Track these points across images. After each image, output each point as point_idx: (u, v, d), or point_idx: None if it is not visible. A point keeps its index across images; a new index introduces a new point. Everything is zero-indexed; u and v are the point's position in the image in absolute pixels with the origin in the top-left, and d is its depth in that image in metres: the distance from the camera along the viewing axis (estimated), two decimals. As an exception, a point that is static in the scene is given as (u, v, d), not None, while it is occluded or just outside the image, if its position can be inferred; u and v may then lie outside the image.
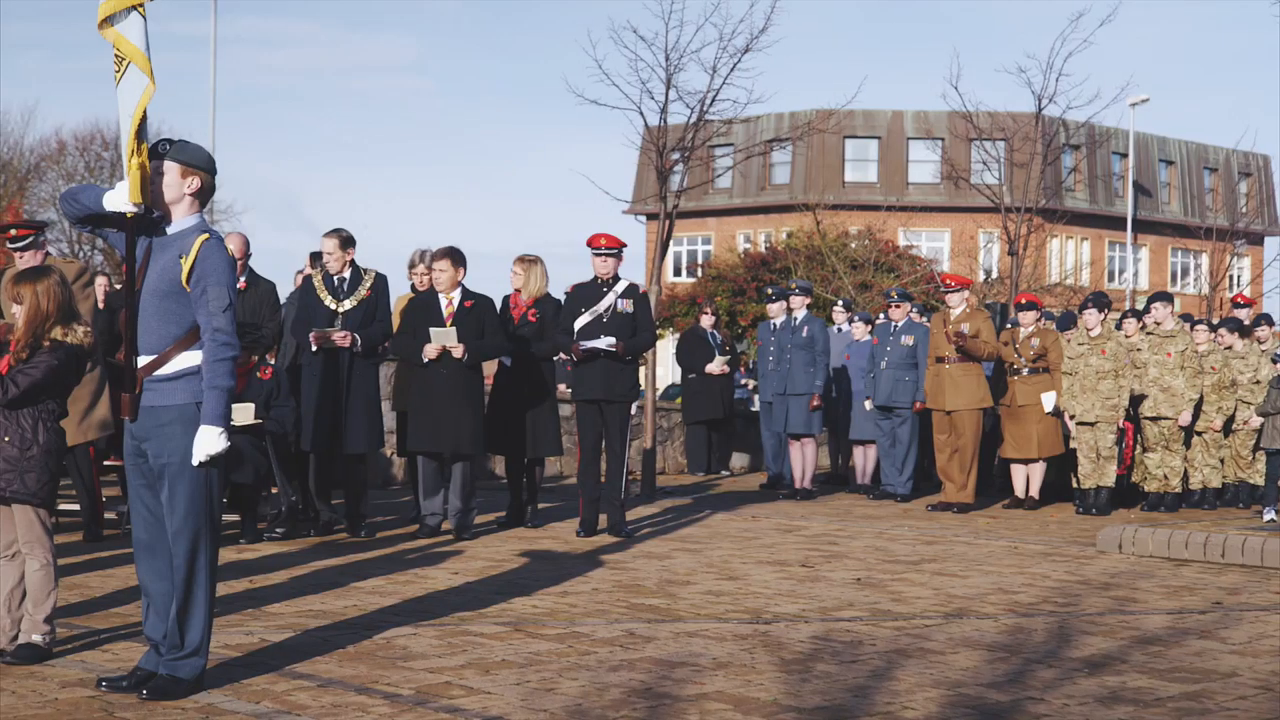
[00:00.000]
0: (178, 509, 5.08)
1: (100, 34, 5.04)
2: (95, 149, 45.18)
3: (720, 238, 46.15)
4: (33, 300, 5.50)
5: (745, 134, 26.63)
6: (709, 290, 29.63)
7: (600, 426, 9.95)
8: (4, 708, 4.82)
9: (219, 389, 5.02)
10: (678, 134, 14.22)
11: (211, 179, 5.19)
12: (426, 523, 9.72)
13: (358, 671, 5.52)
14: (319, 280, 9.57)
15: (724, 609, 7.11)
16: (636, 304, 10.01)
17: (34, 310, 5.49)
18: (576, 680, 5.45)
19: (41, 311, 5.50)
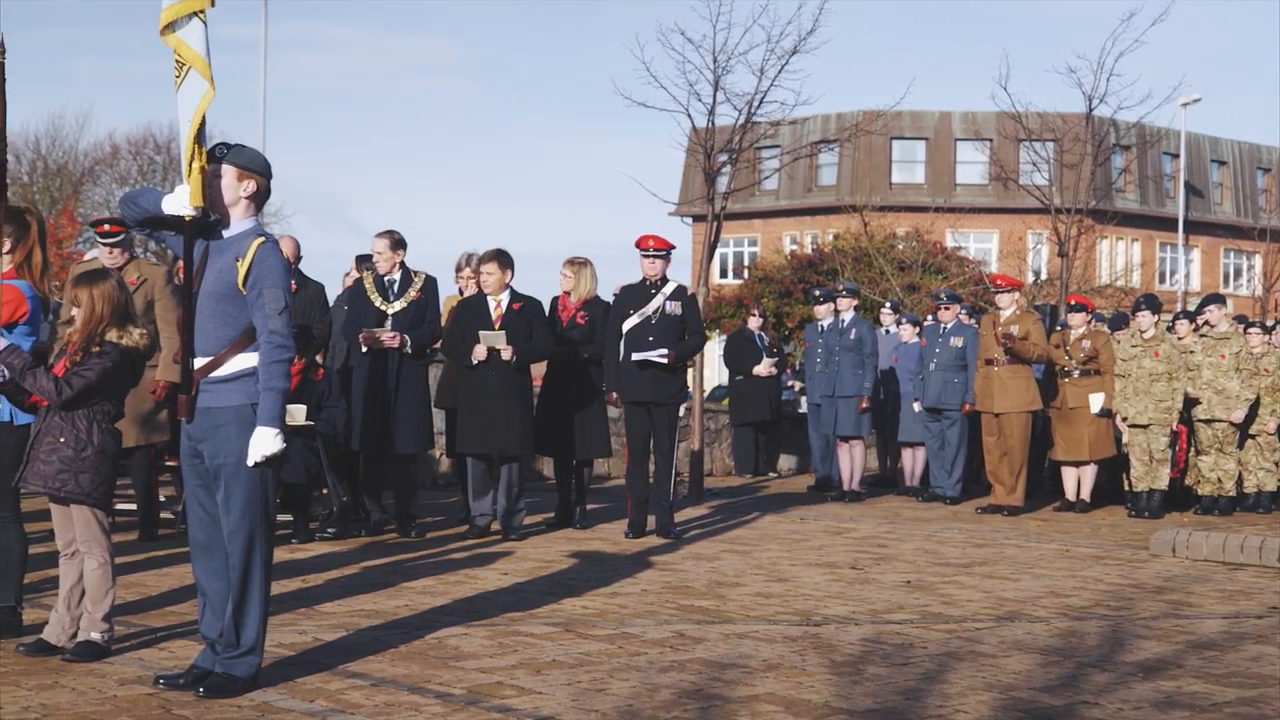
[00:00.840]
0: (233, 509, 5.14)
1: (162, 40, 5.10)
2: (148, 152, 45.69)
3: (767, 239, 46.07)
4: (89, 303, 5.58)
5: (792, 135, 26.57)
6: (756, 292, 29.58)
7: (648, 428, 9.97)
8: (64, 704, 4.89)
9: (274, 390, 5.07)
10: (725, 136, 14.21)
11: (267, 182, 5.25)
12: (475, 523, 9.77)
13: (410, 671, 5.56)
14: (369, 282, 9.64)
15: (773, 610, 7.11)
16: (685, 306, 10.02)
17: (90, 313, 5.57)
18: (627, 681, 5.47)
19: (96, 314, 5.58)
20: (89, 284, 5.62)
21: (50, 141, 45.78)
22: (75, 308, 5.60)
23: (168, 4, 5.06)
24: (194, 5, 5.07)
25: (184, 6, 5.06)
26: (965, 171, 45.24)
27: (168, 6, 5.06)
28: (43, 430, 5.56)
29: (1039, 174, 19.62)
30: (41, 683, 5.17)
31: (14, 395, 5.65)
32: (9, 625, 5.86)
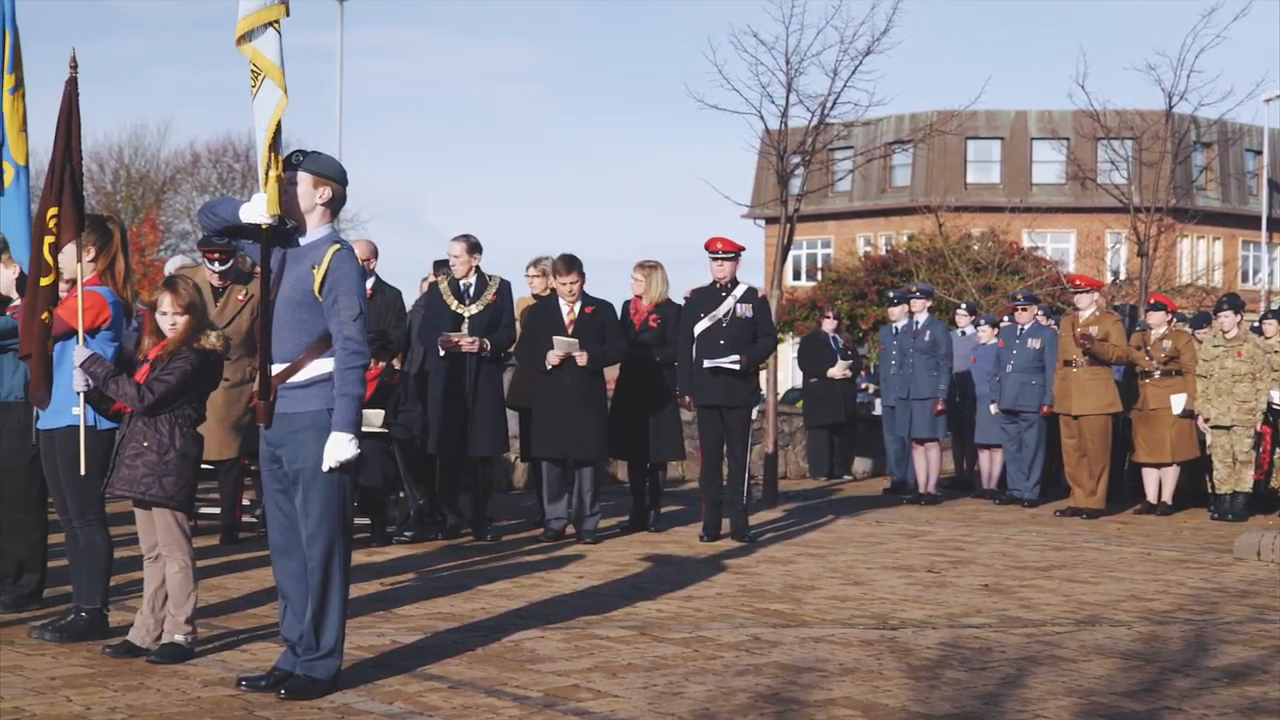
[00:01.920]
0: (312, 513, 5.19)
1: (238, 50, 5.17)
2: (227, 160, 46.36)
3: (840, 241, 45.83)
4: (201, 311, 5.70)
5: (865, 136, 26.42)
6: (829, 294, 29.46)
7: (721, 431, 9.95)
8: (149, 705, 4.97)
9: (349, 396, 5.12)
10: (798, 137, 14.15)
11: (343, 189, 5.30)
12: (551, 527, 9.81)
13: (487, 673, 5.59)
14: (445, 285, 9.71)
15: (849, 614, 7.07)
16: (756, 308, 9.99)
17: (199, 320, 5.69)
18: (703, 684, 5.46)
19: (200, 312, 5.70)
20: (185, 284, 5.74)
21: (133, 150, 46.61)
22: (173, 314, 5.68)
23: (244, 14, 5.13)
24: (269, 15, 5.13)
25: (259, 17, 5.12)
26: (1042, 171, 44.72)
27: (244, 17, 5.13)
28: (127, 436, 5.66)
29: (1117, 173, 19.35)
30: (127, 684, 5.26)
31: (98, 403, 5.75)
32: (96, 627, 5.97)
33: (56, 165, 5.75)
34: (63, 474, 5.93)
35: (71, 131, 5.78)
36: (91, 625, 5.97)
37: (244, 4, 5.12)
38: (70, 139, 5.78)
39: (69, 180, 5.74)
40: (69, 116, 5.78)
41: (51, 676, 5.34)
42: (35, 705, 4.92)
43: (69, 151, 5.76)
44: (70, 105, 5.78)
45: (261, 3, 5.12)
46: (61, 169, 5.74)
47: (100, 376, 5.60)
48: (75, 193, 5.77)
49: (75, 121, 5.80)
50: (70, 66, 5.78)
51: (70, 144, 5.77)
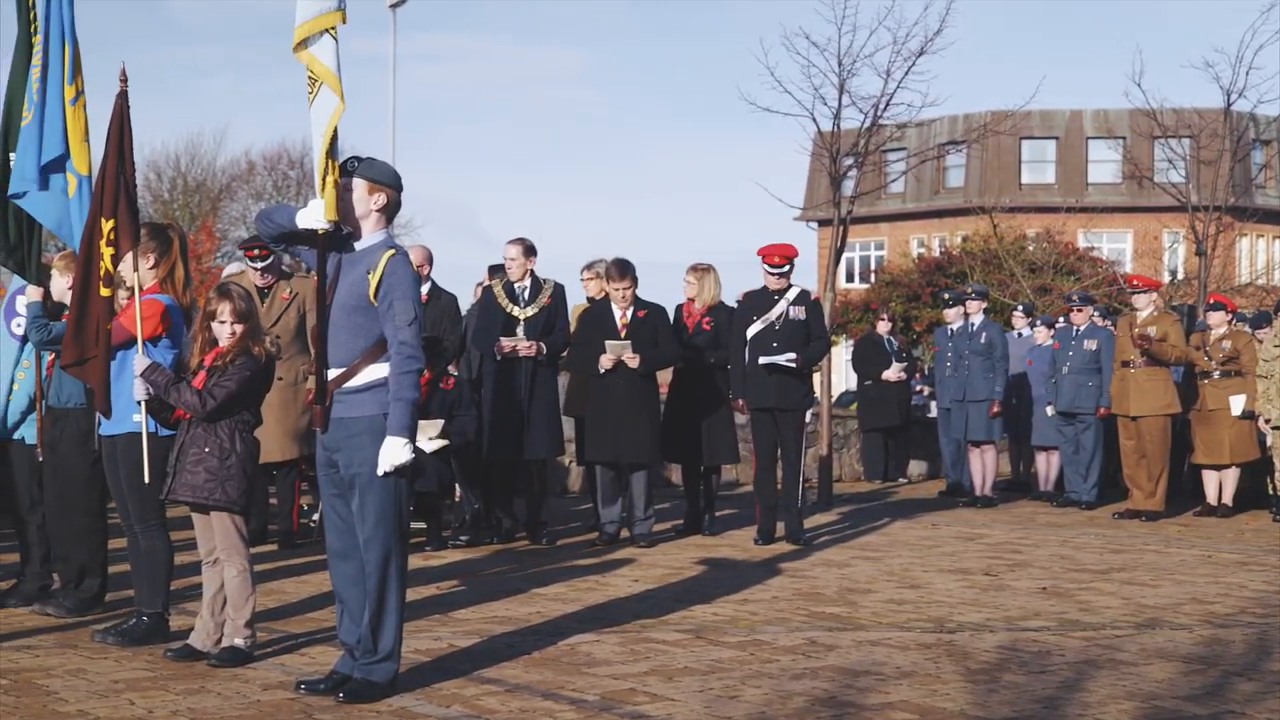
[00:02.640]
0: (368, 517, 5.22)
1: (295, 57, 5.22)
2: (282, 168, 46.72)
3: (894, 243, 45.60)
4: (248, 308, 5.75)
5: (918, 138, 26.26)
6: (883, 296, 29.30)
7: (775, 435, 9.93)
8: (210, 708, 5.02)
9: (404, 401, 5.15)
10: (851, 139, 14.10)
11: (398, 195, 5.33)
12: (605, 530, 9.82)
13: (543, 677, 5.60)
14: (500, 289, 9.74)
15: (906, 617, 7.04)
16: (809, 311, 9.95)
17: (255, 327, 5.75)
18: (759, 688, 5.45)
19: (256, 325, 5.76)
20: (239, 291, 5.80)
21: (189, 159, 47.05)
22: (231, 322, 5.74)
23: (300, 21, 5.18)
24: (326, 22, 5.18)
25: (316, 24, 5.17)
26: (1097, 170, 44.30)
27: (301, 24, 5.18)
28: (187, 442, 5.71)
29: (1175, 171, 19.13)
30: (189, 687, 5.31)
31: (157, 411, 5.82)
32: (157, 631, 6.03)
33: (109, 177, 5.82)
34: (124, 480, 6.00)
35: (123, 144, 5.86)
36: (153, 629, 6.03)
37: (301, 11, 5.17)
38: (122, 151, 5.85)
39: (124, 192, 5.81)
40: (120, 129, 5.86)
41: (114, 680, 5.40)
42: (99, 708, 4.98)
43: (121, 163, 5.83)
44: (121, 118, 5.86)
45: (318, 10, 5.17)
46: (115, 181, 5.82)
47: (161, 385, 5.67)
48: (130, 204, 5.85)
49: (126, 134, 5.87)
50: (120, 80, 5.86)
51: (123, 156, 5.85)
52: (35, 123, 6.35)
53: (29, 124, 6.36)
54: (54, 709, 4.96)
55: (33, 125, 6.35)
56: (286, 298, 9.22)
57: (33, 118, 6.36)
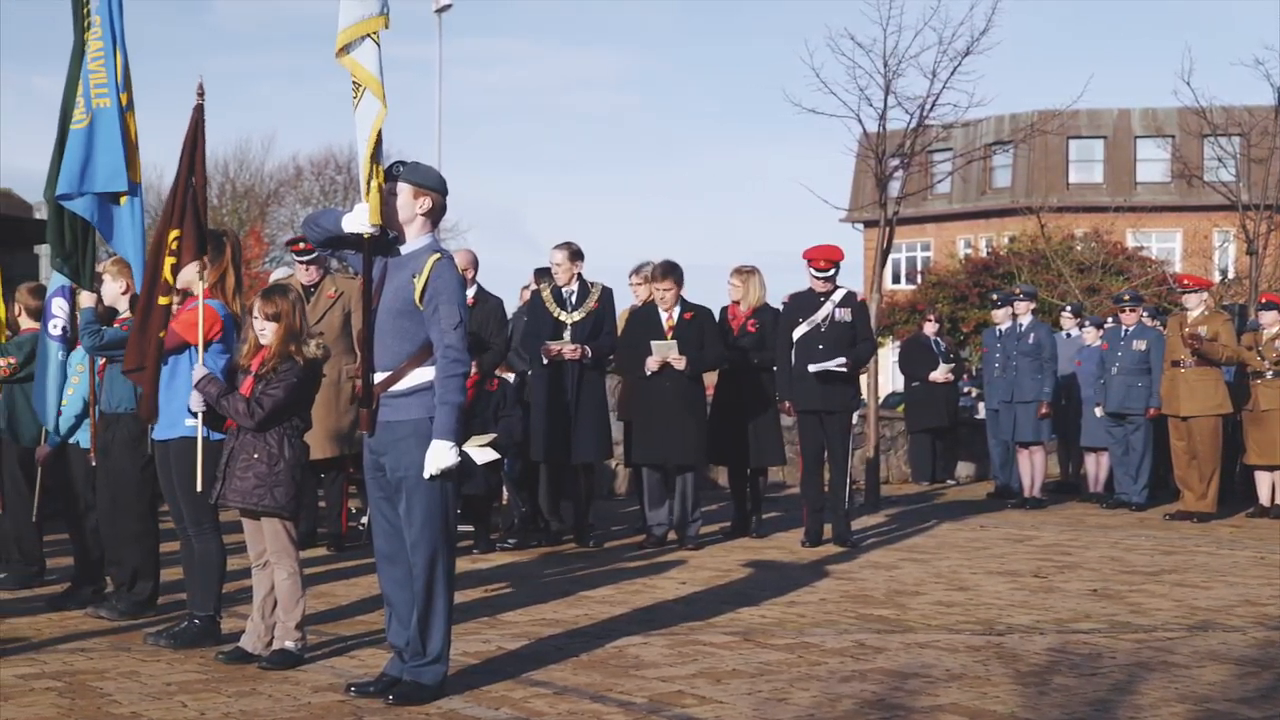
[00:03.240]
0: (415, 520, 5.25)
1: (338, 62, 5.26)
2: (329, 173, 47.02)
3: (940, 243, 45.38)
4: (288, 315, 5.76)
5: (964, 138, 26.13)
6: (930, 297, 29.17)
7: (822, 436, 9.90)
8: (262, 710, 5.06)
9: (450, 404, 5.16)
10: (896, 140, 14.05)
11: (443, 199, 5.36)
12: (652, 533, 9.82)
13: (592, 679, 5.61)
14: (547, 293, 9.77)
15: (955, 620, 7.00)
16: (855, 313, 9.92)
17: (289, 328, 5.76)
18: (808, 690, 5.43)
19: (294, 328, 5.76)
20: (283, 297, 5.81)
21: (238, 164, 47.47)
22: (269, 322, 5.78)
23: (343, 27, 5.21)
24: (368, 27, 5.21)
25: (358, 29, 5.21)
26: (1146, 169, 43.90)
27: (343, 30, 5.21)
28: (236, 448, 5.76)
29: (1225, 170, 18.92)
30: (240, 690, 5.35)
31: (211, 419, 5.87)
32: (209, 634, 6.09)
33: (180, 188, 5.91)
34: (177, 484, 6.06)
35: (195, 156, 5.94)
36: (204, 632, 6.09)
37: (343, 17, 5.21)
38: (194, 163, 5.94)
39: (191, 203, 5.90)
40: (194, 141, 5.94)
41: (167, 682, 5.45)
42: (152, 710, 5.03)
43: (191, 175, 5.92)
44: (196, 131, 5.95)
45: (360, 15, 5.21)
46: (184, 192, 5.90)
47: (214, 395, 5.72)
48: (196, 216, 5.93)
49: (200, 146, 5.96)
50: (197, 94, 5.95)
51: (194, 168, 5.94)
52: (88, 128, 6.42)
53: (83, 127, 6.44)
54: (108, 711, 5.01)
55: (85, 130, 6.42)
56: (332, 296, 9.28)
57: (89, 122, 6.43)
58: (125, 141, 6.44)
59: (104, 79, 6.42)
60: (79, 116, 6.45)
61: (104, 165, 6.40)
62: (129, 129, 6.48)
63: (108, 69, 6.43)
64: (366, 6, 5.21)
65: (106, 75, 6.43)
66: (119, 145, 6.42)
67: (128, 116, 6.48)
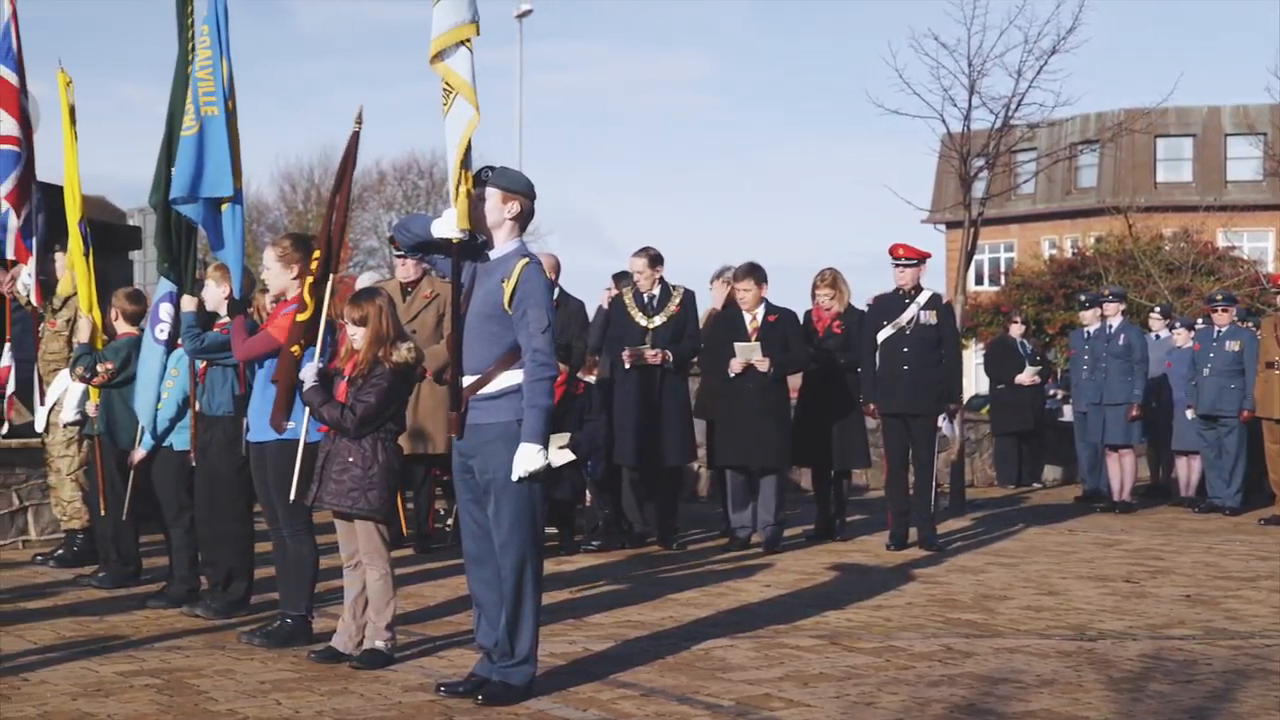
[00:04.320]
0: (503, 522, 5.28)
1: (431, 68, 5.32)
2: (412, 178, 47.44)
3: (1024, 244, 44.84)
4: (376, 322, 5.81)
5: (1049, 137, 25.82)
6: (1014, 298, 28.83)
7: (906, 439, 9.84)
8: (354, 709, 5.12)
9: (538, 407, 5.19)
10: (981, 140, 13.92)
11: (531, 203, 5.39)
12: (736, 535, 9.81)
13: (678, 681, 5.62)
14: (629, 298, 9.79)
15: (1045, 625, 6.92)
16: (940, 315, 9.84)
17: (375, 333, 5.81)
18: (896, 695, 5.40)
19: (381, 334, 5.81)
20: (371, 302, 5.86)
21: (322, 170, 47.98)
22: (358, 327, 5.84)
23: (436, 34, 5.27)
24: (461, 34, 5.26)
25: (452, 36, 5.26)
26: (1237, 168, 43.11)
27: (437, 36, 5.27)
28: (332, 451, 5.83)
29: (1319, 166, 18.56)
30: (332, 689, 5.42)
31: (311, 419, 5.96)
32: (301, 633, 6.17)
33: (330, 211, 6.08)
34: (272, 485, 6.14)
35: (343, 180, 6.07)
36: (297, 631, 6.17)
37: (437, 24, 5.26)
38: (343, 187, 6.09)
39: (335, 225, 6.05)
40: (347, 166, 6.12)
41: (261, 680, 5.54)
42: (248, 708, 5.11)
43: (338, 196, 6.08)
44: (350, 156, 6.10)
45: (454, 22, 5.26)
46: (329, 216, 6.07)
47: (315, 405, 5.79)
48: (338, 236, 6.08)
49: (350, 170, 6.12)
50: (356, 122, 6.08)
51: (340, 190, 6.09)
52: (198, 135, 6.56)
53: (192, 134, 6.57)
54: (205, 708, 5.10)
55: (194, 137, 6.56)
56: (428, 296, 9.38)
57: (198, 129, 6.57)
58: (230, 148, 6.57)
59: (212, 87, 6.57)
60: (189, 124, 6.59)
61: (211, 171, 6.53)
62: (234, 136, 6.61)
63: (215, 77, 6.57)
64: (459, 14, 5.27)
65: (214, 83, 6.56)
66: (226, 152, 6.55)
67: (231, 123, 6.61)
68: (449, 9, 5.26)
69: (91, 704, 5.14)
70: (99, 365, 7.58)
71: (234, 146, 6.62)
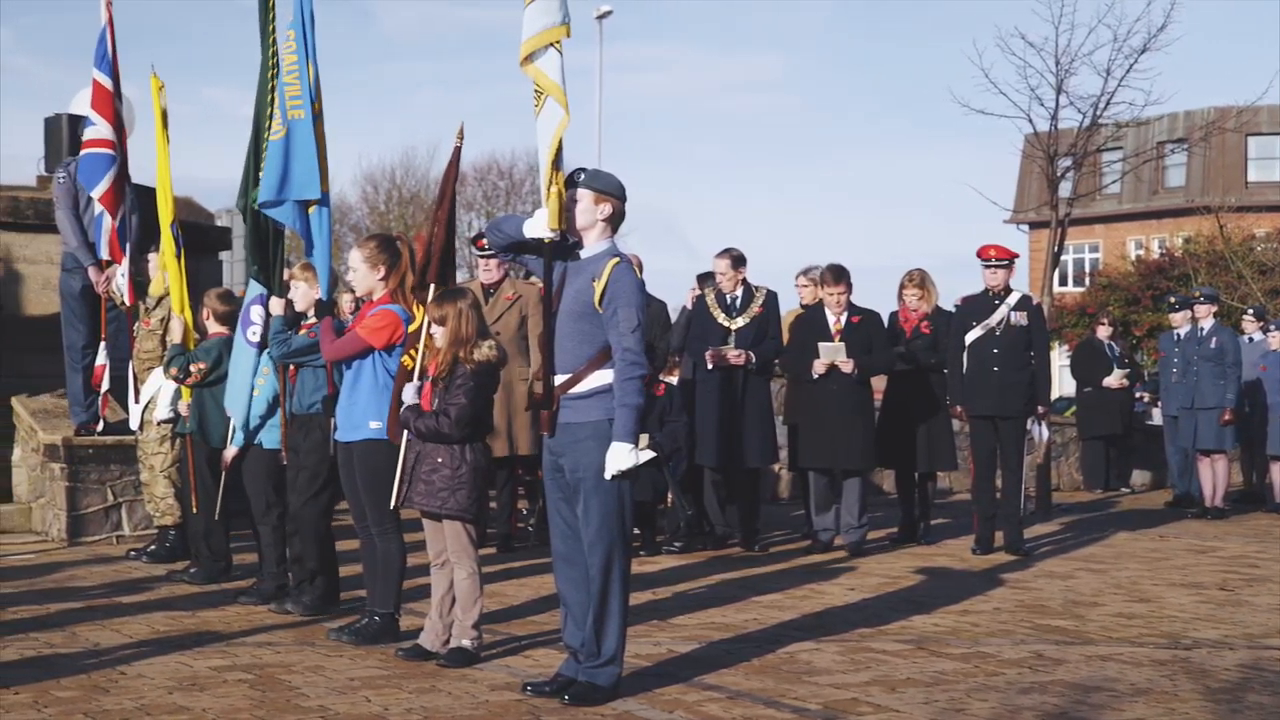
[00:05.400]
0: (592, 521, 5.29)
1: (522, 70, 5.33)
2: (492, 179, 47.65)
3: (1109, 245, 44.22)
4: (454, 323, 5.83)
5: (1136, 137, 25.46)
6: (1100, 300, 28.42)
7: (994, 442, 9.73)
8: (442, 708, 5.15)
9: (628, 407, 5.19)
10: (1067, 140, 13.74)
11: (622, 205, 5.39)
12: (819, 538, 9.75)
13: (764, 685, 5.59)
14: (712, 299, 9.77)
15: (1137, 632, 6.81)
16: (1030, 317, 9.72)
17: (454, 334, 5.83)
18: (986, 701, 5.34)
19: (460, 335, 5.83)
20: (452, 303, 5.88)
21: (404, 171, 48.40)
22: (439, 326, 5.87)
23: (527, 36, 5.28)
24: (551, 36, 5.28)
25: (542, 38, 5.28)
26: (1332, 167, 42.22)
27: (527, 39, 5.28)
28: (422, 452, 5.86)
29: None
30: (420, 686, 5.46)
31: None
32: (388, 631, 6.22)
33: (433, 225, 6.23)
34: (361, 485, 6.19)
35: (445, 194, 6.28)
36: (384, 629, 6.22)
37: (527, 26, 5.28)
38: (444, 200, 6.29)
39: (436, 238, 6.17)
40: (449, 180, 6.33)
41: (350, 677, 5.58)
42: (338, 704, 5.16)
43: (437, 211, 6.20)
44: (453, 170, 6.31)
45: (544, 25, 5.27)
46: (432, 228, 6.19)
47: (412, 422, 5.84)
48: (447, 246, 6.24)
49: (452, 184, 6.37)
50: (457, 137, 6.28)
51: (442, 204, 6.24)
52: (284, 139, 6.64)
53: (279, 138, 6.65)
54: (297, 704, 5.16)
55: (281, 141, 6.64)
56: (510, 298, 9.42)
57: (285, 133, 6.65)
58: (317, 151, 6.65)
59: (298, 91, 6.64)
60: (275, 127, 6.67)
61: (298, 174, 6.61)
62: (320, 139, 6.68)
63: (301, 81, 6.64)
64: (550, 16, 5.28)
65: (300, 87, 6.64)
66: (312, 155, 6.63)
67: (318, 126, 6.68)
68: (540, 11, 5.27)
69: (187, 698, 5.21)
70: (192, 365, 7.69)
71: (320, 149, 6.69)
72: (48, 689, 5.32)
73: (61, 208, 9.55)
